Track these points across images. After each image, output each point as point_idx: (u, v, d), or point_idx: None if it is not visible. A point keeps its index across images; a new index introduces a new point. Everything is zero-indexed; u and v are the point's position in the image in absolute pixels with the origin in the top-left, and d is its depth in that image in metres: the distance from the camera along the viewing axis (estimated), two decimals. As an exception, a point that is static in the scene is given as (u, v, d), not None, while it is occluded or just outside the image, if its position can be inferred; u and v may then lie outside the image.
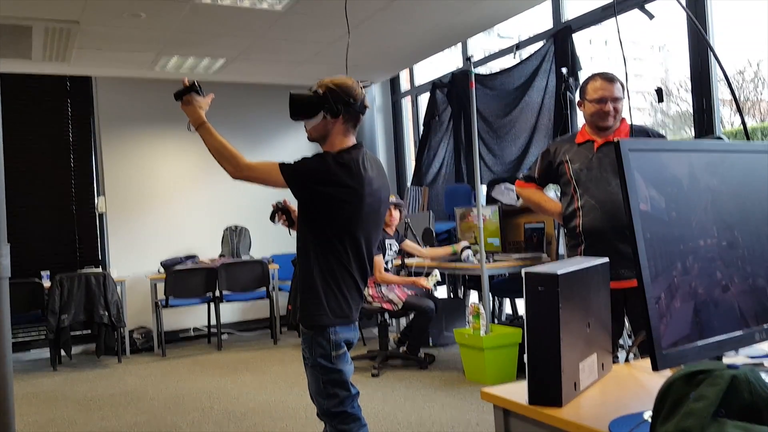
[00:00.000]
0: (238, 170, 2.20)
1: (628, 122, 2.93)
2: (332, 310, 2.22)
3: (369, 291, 4.85)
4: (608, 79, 2.86)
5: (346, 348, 2.27)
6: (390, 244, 5.10)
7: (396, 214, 5.08)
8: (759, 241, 1.32)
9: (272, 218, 2.52)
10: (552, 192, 3.96)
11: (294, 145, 6.93)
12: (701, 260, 1.20)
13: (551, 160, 3.00)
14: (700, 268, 1.19)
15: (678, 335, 1.14)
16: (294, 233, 2.42)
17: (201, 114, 2.26)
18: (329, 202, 2.19)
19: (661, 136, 2.97)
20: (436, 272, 4.91)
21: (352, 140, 2.29)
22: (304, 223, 2.28)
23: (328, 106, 2.22)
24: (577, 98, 3.02)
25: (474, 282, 5.73)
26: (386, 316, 5.09)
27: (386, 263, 5.03)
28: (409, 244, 5.33)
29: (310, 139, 2.33)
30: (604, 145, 2.85)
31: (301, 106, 2.27)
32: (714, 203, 1.26)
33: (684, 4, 4.09)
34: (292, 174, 2.18)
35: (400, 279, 5.03)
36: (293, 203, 2.40)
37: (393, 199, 5.14)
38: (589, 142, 2.90)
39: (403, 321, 5.67)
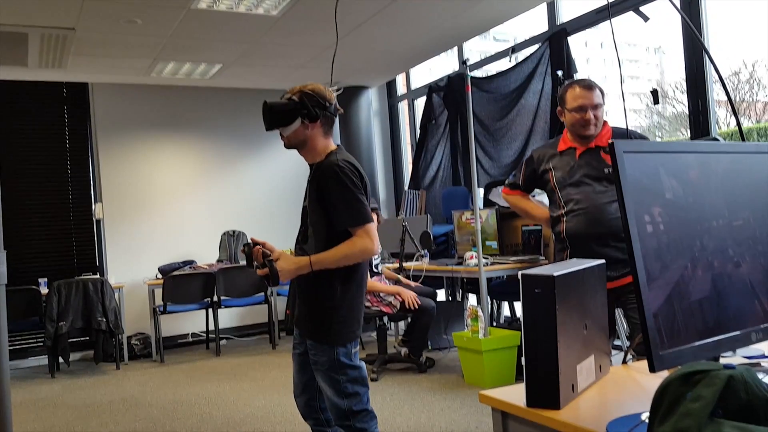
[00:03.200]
0: (373, 248, 2.27)
1: (611, 125, 2.94)
2: (357, 325, 2.33)
3: (366, 296, 4.80)
4: (587, 86, 2.84)
5: None
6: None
7: (374, 217, 4.98)
8: (755, 245, 1.32)
9: (251, 264, 2.28)
10: (545, 196, 3.96)
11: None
12: (704, 258, 1.20)
13: (535, 168, 3.03)
14: (705, 265, 1.20)
15: (677, 336, 1.14)
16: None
17: (299, 261, 2.24)
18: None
19: (643, 138, 2.98)
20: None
21: (332, 142, 2.36)
22: (324, 230, 2.29)
23: (306, 111, 2.26)
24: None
25: (472, 285, 5.73)
26: (385, 319, 5.08)
27: (376, 267, 5.00)
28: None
29: (288, 146, 2.35)
30: (586, 152, 2.87)
31: (279, 114, 2.29)
32: (706, 208, 1.26)
33: (678, 5, 4.11)
34: (366, 216, 2.29)
35: (386, 287, 4.88)
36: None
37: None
38: (571, 150, 2.91)
39: (402, 324, 5.65)
